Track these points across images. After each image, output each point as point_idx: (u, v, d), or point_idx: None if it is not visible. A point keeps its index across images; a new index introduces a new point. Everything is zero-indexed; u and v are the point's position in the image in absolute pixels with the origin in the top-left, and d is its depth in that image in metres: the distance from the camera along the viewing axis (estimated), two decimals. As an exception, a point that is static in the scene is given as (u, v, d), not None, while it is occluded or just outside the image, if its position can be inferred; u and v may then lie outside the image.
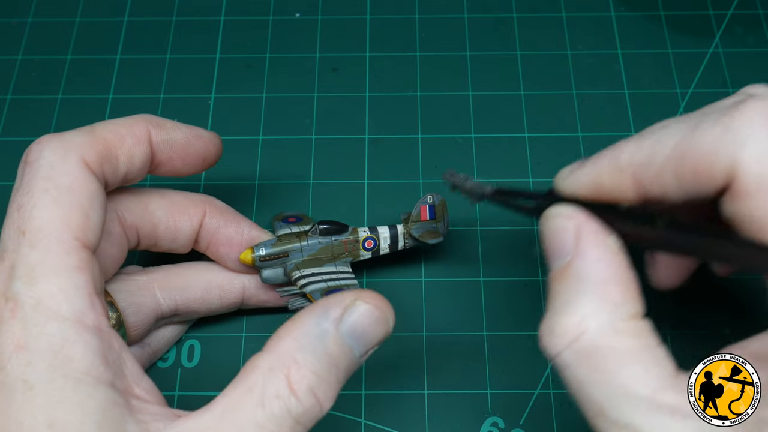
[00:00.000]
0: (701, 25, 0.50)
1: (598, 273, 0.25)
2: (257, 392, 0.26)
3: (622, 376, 0.24)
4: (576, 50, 0.49)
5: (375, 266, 0.41)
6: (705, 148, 0.24)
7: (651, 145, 0.26)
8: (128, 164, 0.31)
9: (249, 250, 0.36)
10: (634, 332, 0.25)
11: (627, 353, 0.24)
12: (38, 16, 0.51)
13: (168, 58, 0.49)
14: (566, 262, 0.26)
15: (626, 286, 0.26)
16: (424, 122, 0.46)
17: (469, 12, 0.50)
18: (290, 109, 0.47)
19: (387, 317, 0.29)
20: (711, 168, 0.24)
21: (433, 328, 0.40)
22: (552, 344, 0.25)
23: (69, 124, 0.46)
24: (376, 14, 0.50)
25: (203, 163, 0.34)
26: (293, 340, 0.27)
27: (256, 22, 0.50)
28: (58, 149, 0.28)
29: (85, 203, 0.27)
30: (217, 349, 0.39)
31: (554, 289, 0.26)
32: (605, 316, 0.25)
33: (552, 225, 0.27)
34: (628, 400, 0.24)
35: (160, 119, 0.33)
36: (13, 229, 0.27)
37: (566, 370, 0.25)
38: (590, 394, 0.25)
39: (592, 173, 0.28)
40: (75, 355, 0.25)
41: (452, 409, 0.38)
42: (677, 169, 0.25)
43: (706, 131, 0.24)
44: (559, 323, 0.25)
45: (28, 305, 0.25)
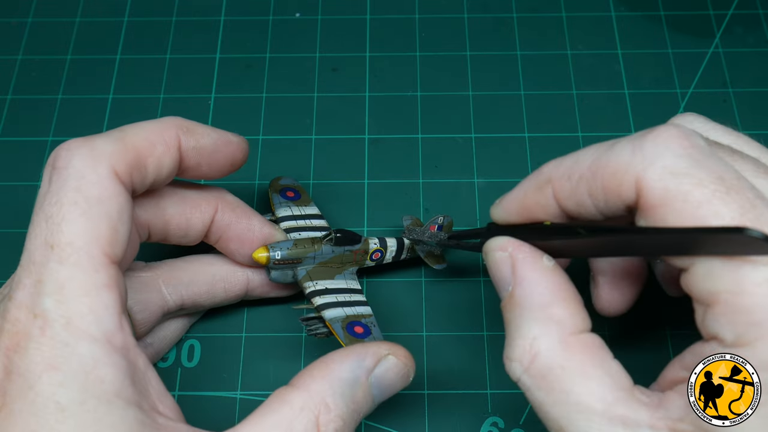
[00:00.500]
0: (701, 25, 0.50)
1: (539, 296, 0.27)
2: (284, 428, 0.27)
3: (575, 393, 0.25)
4: (576, 50, 0.49)
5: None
6: (615, 167, 0.26)
7: (569, 165, 0.28)
8: (157, 172, 0.30)
9: (264, 249, 0.36)
10: (584, 346, 0.26)
11: (579, 368, 0.26)
12: (38, 16, 0.51)
13: (168, 58, 0.49)
14: (509, 291, 0.28)
15: (568, 303, 0.27)
16: (424, 122, 0.46)
17: (469, 12, 0.50)
18: (290, 109, 0.47)
19: (410, 372, 0.31)
20: (619, 186, 0.26)
21: (433, 328, 0.40)
22: (512, 370, 0.27)
23: (69, 124, 0.46)
24: (376, 14, 0.50)
25: (230, 168, 0.34)
26: (326, 383, 0.28)
27: (256, 22, 0.50)
28: (88, 158, 0.27)
29: (114, 216, 0.27)
30: (217, 349, 0.39)
31: (506, 318, 0.28)
32: (553, 335, 0.26)
33: (490, 258, 0.29)
34: (583, 416, 0.25)
35: (190, 124, 0.32)
36: (41, 241, 0.26)
37: (527, 393, 0.27)
38: (548, 413, 0.26)
39: (518, 196, 0.30)
40: (106, 377, 0.25)
41: (452, 409, 0.38)
42: (590, 186, 0.27)
43: (618, 152, 0.26)
44: (513, 349, 0.27)
45: (59, 324, 0.25)
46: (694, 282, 0.25)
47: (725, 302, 0.24)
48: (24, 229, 0.42)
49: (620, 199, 0.26)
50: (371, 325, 0.36)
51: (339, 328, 0.35)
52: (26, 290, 0.25)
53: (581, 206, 0.28)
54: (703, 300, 0.25)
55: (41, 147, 0.46)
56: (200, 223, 0.35)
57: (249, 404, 0.38)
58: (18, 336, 0.25)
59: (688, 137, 0.25)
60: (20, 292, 0.26)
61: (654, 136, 0.26)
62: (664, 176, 0.25)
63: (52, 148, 0.45)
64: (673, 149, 0.25)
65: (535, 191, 0.29)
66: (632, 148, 0.26)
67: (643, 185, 0.25)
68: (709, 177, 0.24)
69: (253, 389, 0.38)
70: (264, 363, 0.38)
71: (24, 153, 0.45)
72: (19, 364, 0.24)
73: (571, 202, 0.28)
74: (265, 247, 0.36)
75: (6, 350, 0.25)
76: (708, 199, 0.24)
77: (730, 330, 0.24)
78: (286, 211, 0.39)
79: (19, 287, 0.26)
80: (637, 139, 0.26)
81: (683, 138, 0.25)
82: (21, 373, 0.24)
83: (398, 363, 0.31)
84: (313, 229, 0.39)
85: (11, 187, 0.44)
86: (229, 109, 0.47)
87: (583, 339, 0.27)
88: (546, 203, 0.29)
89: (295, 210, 0.39)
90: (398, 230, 0.42)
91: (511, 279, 0.28)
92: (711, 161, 0.25)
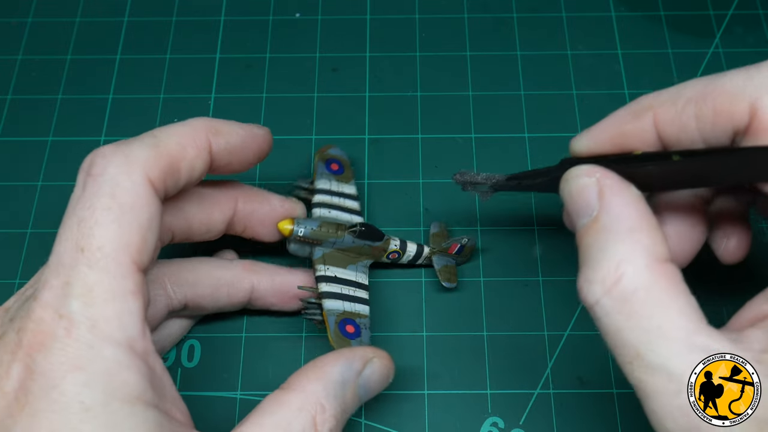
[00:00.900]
0: (701, 25, 0.50)
1: (627, 220, 0.26)
2: (284, 428, 0.29)
3: (657, 318, 0.25)
4: (576, 50, 0.49)
5: (376, 267, 0.41)
6: (729, 89, 0.26)
7: (674, 92, 0.28)
8: (189, 176, 0.30)
9: (290, 221, 0.37)
10: (668, 275, 0.26)
11: (663, 295, 0.25)
12: (38, 16, 0.51)
13: (168, 58, 0.49)
14: (593, 216, 0.27)
15: (655, 231, 0.26)
16: (424, 122, 0.46)
17: (469, 12, 0.50)
18: (290, 109, 0.47)
19: (391, 374, 0.33)
20: (731, 107, 0.26)
21: (433, 328, 0.40)
22: (591, 293, 0.26)
23: (69, 124, 0.46)
24: (376, 14, 0.50)
25: (257, 160, 0.34)
26: (321, 385, 0.30)
27: (256, 22, 0.50)
28: (123, 165, 0.27)
29: (145, 224, 0.27)
30: (217, 349, 0.39)
31: (585, 243, 0.27)
32: (640, 259, 0.26)
33: (573, 185, 0.28)
34: (664, 342, 0.25)
35: (218, 124, 0.32)
36: (72, 244, 0.26)
37: (604, 317, 0.26)
38: (626, 338, 0.25)
39: (612, 123, 0.30)
40: (129, 380, 0.25)
41: (452, 409, 0.38)
42: (699, 108, 0.27)
43: (731, 77, 0.27)
44: (596, 272, 0.26)
45: (84, 326, 0.25)
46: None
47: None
48: (24, 229, 0.43)
49: (731, 122, 0.26)
50: (363, 327, 0.37)
51: (333, 321, 0.36)
52: (53, 291, 0.26)
53: (684, 131, 0.28)
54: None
55: (41, 147, 0.46)
56: (221, 218, 0.35)
57: (249, 404, 0.37)
58: (42, 335, 0.25)
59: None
60: (47, 293, 0.26)
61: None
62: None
63: (52, 148, 0.45)
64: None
65: (633, 118, 0.29)
66: (747, 74, 0.27)
67: (758, 106, 0.25)
68: None
69: (253, 389, 0.38)
70: (264, 363, 0.39)
71: (24, 153, 0.45)
72: (43, 363, 0.25)
73: (674, 127, 0.28)
74: (291, 220, 0.37)
75: (28, 349, 0.25)
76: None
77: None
78: (325, 184, 0.40)
79: (45, 287, 0.26)
80: (752, 67, 0.27)
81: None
82: (44, 372, 0.25)
83: (382, 366, 0.33)
84: (344, 209, 0.39)
85: (11, 187, 0.44)
86: (229, 109, 0.47)
87: (667, 267, 0.26)
88: (643, 130, 0.29)
89: (333, 185, 0.40)
90: (398, 230, 0.42)
91: (597, 204, 0.27)
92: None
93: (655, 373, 0.25)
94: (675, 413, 0.25)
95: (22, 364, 0.25)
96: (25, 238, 0.43)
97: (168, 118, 0.46)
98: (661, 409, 0.25)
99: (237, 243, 0.39)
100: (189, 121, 0.31)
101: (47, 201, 0.44)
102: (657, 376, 0.25)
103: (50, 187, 0.44)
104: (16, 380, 0.25)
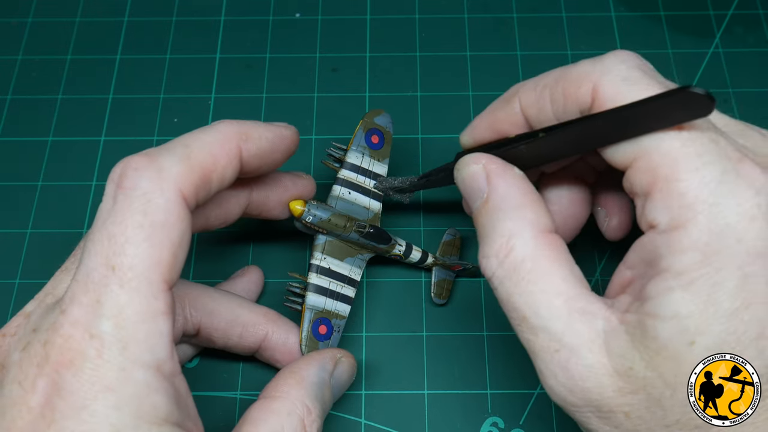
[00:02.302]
0: (701, 25, 0.50)
1: (513, 199, 0.29)
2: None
3: (542, 284, 0.28)
4: (576, 50, 0.49)
5: (376, 266, 0.41)
6: (576, 75, 0.30)
7: (535, 79, 0.32)
8: (219, 185, 0.30)
9: (302, 203, 0.36)
10: (552, 244, 0.29)
11: (547, 263, 0.28)
12: (38, 16, 0.51)
13: (168, 58, 0.49)
14: (484, 198, 0.30)
15: (538, 205, 0.29)
16: (424, 122, 0.46)
17: (469, 12, 0.50)
18: (290, 109, 0.47)
19: (354, 372, 0.36)
20: (577, 90, 0.29)
21: (432, 328, 0.40)
22: (488, 267, 0.29)
23: (69, 124, 0.46)
24: (376, 14, 0.50)
25: (285, 159, 0.34)
26: (303, 389, 0.32)
27: (256, 22, 0.50)
28: (156, 180, 0.27)
29: (176, 241, 0.27)
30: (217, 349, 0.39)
31: (480, 223, 0.30)
32: (527, 232, 0.29)
33: (465, 173, 0.31)
34: (545, 306, 0.27)
35: (247, 128, 0.31)
36: (102, 260, 0.26)
37: (499, 286, 0.29)
38: (515, 303, 0.28)
39: (488, 113, 0.34)
40: (158, 403, 0.25)
41: (452, 409, 0.38)
42: (552, 92, 0.30)
43: (580, 65, 0.30)
44: (490, 246, 0.29)
45: (116, 348, 0.25)
46: (635, 176, 0.27)
47: (661, 189, 0.26)
48: (24, 229, 0.43)
49: (576, 103, 0.29)
50: (336, 329, 0.37)
51: (308, 318, 0.37)
52: (83, 308, 0.25)
53: (542, 112, 0.31)
54: (643, 192, 0.27)
55: (41, 147, 0.46)
56: (238, 210, 0.35)
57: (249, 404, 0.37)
58: (71, 353, 0.25)
59: (641, 58, 0.30)
60: (76, 309, 0.25)
61: (613, 53, 0.30)
62: (618, 82, 0.28)
63: (52, 148, 0.45)
64: (628, 63, 0.29)
65: (503, 104, 0.33)
66: (593, 62, 0.30)
67: (598, 89, 0.28)
68: (657, 84, 0.27)
69: (253, 389, 0.38)
70: (264, 363, 0.38)
71: (24, 153, 0.45)
72: (72, 382, 0.24)
73: (534, 109, 0.31)
74: (304, 202, 0.37)
75: (56, 365, 0.25)
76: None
77: (666, 214, 0.26)
78: (356, 159, 0.39)
79: (74, 303, 0.25)
80: (598, 56, 0.30)
81: (638, 57, 0.29)
82: (74, 391, 0.24)
83: (349, 364, 0.35)
84: (367, 192, 0.39)
85: (11, 187, 0.44)
86: (229, 109, 0.47)
87: (551, 238, 0.29)
88: (513, 114, 0.32)
89: (365, 161, 0.39)
90: (398, 230, 0.42)
91: (486, 187, 0.30)
92: (659, 77, 0.29)
93: (539, 334, 0.28)
94: (556, 370, 0.27)
95: (49, 380, 0.25)
96: (25, 238, 0.43)
97: (168, 118, 0.46)
98: (545, 367, 0.28)
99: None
100: (218, 126, 0.30)
101: (47, 201, 0.44)
102: (540, 336, 0.28)
103: (50, 187, 0.44)
104: (41, 395, 0.25)
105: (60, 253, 0.42)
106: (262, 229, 0.43)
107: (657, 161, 0.26)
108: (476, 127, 0.34)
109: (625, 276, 0.29)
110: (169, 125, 0.46)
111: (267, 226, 0.43)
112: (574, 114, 0.30)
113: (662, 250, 0.26)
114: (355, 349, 0.39)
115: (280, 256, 0.42)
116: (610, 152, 0.28)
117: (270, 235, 0.43)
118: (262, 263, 0.41)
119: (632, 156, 0.27)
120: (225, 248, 0.42)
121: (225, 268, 0.41)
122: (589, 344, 0.27)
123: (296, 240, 0.42)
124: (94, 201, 0.44)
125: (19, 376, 0.25)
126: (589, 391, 0.27)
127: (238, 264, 0.41)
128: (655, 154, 0.27)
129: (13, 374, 0.26)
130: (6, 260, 0.42)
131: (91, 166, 0.45)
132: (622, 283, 0.29)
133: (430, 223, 0.43)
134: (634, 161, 0.27)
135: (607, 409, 0.27)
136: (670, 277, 0.25)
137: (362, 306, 0.41)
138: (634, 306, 0.27)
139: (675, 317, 0.25)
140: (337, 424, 0.38)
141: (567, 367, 0.27)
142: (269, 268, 0.41)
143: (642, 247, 0.27)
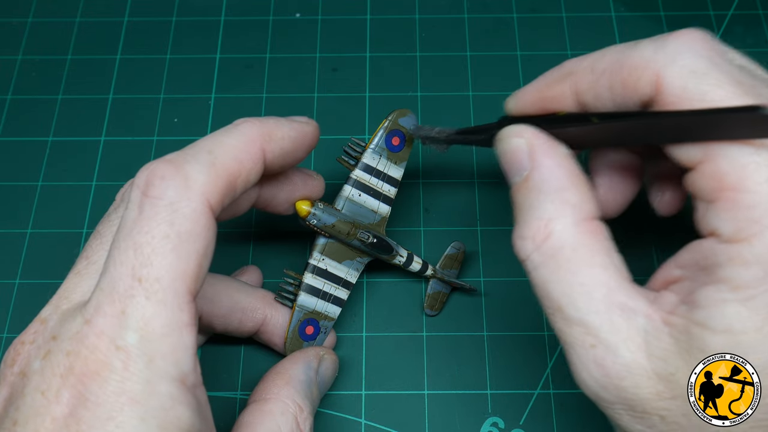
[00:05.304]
0: (701, 25, 0.49)
1: (556, 180, 0.28)
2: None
3: (581, 275, 0.26)
4: (576, 50, 0.49)
5: (375, 266, 0.41)
6: (637, 62, 0.27)
7: (593, 59, 0.29)
8: (244, 189, 0.29)
9: (309, 204, 0.36)
10: (594, 232, 0.27)
11: (588, 252, 0.27)
12: (38, 16, 0.51)
13: (168, 58, 0.49)
14: (525, 175, 0.28)
15: (582, 189, 0.28)
16: (424, 122, 0.46)
17: (469, 12, 0.50)
18: (290, 109, 0.47)
19: (337, 367, 0.37)
20: (638, 80, 0.27)
21: (432, 328, 0.40)
22: (523, 249, 0.28)
23: (69, 124, 0.46)
24: (376, 14, 0.50)
25: (306, 155, 0.33)
26: (292, 389, 0.33)
27: (256, 22, 0.50)
28: (183, 189, 0.26)
29: (201, 252, 0.26)
30: (217, 349, 0.39)
31: (518, 201, 0.29)
32: (568, 217, 0.27)
33: (506, 145, 0.29)
34: (584, 298, 0.26)
35: (270, 128, 0.30)
36: (128, 270, 0.25)
37: (533, 271, 0.28)
38: (551, 291, 0.27)
39: (537, 86, 0.32)
40: (182, 415, 0.25)
41: (452, 409, 0.38)
42: (611, 79, 0.28)
43: (641, 49, 0.27)
44: (527, 227, 0.28)
45: (142, 361, 0.25)
46: (699, 179, 0.26)
47: (727, 199, 0.25)
48: (24, 229, 0.43)
49: (637, 94, 0.27)
50: (323, 330, 0.37)
51: (297, 318, 0.37)
52: (108, 319, 0.25)
53: (598, 99, 0.29)
54: (706, 197, 0.26)
55: (41, 147, 0.46)
56: (247, 205, 0.34)
57: (249, 404, 0.38)
58: (97, 365, 0.25)
59: (709, 41, 0.27)
60: (101, 320, 0.25)
61: (676, 36, 0.27)
62: (684, 75, 0.26)
63: (53, 148, 0.45)
64: (695, 50, 0.26)
65: (555, 82, 0.31)
66: (655, 47, 0.27)
67: (662, 82, 0.26)
68: (727, 79, 0.25)
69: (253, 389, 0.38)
70: (264, 363, 0.38)
71: (24, 153, 0.45)
72: (98, 393, 0.24)
73: (590, 95, 0.29)
74: (311, 203, 0.36)
75: (82, 376, 0.25)
76: (725, 101, 0.25)
77: (730, 225, 0.25)
78: (372, 161, 0.38)
79: (99, 314, 0.25)
80: (660, 38, 0.27)
81: (705, 41, 0.27)
82: (100, 402, 0.24)
83: (332, 361, 0.36)
84: (377, 194, 0.38)
85: (11, 187, 0.44)
86: (229, 109, 0.47)
87: (594, 225, 0.27)
88: (564, 95, 0.30)
89: (381, 163, 0.38)
90: (398, 230, 0.42)
91: (528, 164, 0.28)
92: (729, 66, 0.26)
93: (574, 326, 0.26)
94: (590, 365, 0.26)
95: (74, 391, 0.25)
96: (25, 238, 0.43)
97: (168, 118, 0.46)
98: (578, 359, 0.27)
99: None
100: (241, 128, 0.29)
101: (47, 201, 0.44)
102: (575, 329, 0.26)
103: (50, 187, 0.44)
104: (66, 406, 0.24)
105: (60, 253, 0.42)
106: (263, 229, 0.43)
107: (725, 168, 0.25)
108: (523, 97, 0.32)
109: (673, 273, 0.27)
110: (169, 125, 0.46)
111: (267, 226, 0.43)
112: (635, 104, 0.28)
113: (721, 259, 0.25)
114: (355, 349, 0.39)
115: (280, 256, 0.42)
116: (673, 150, 0.27)
117: (270, 235, 0.43)
118: (262, 263, 0.41)
119: (698, 158, 0.26)
120: (225, 248, 0.42)
121: (225, 268, 0.41)
122: (627, 342, 0.26)
123: (296, 240, 0.42)
124: (94, 201, 0.44)
125: (41, 385, 0.25)
126: (624, 390, 0.26)
127: (238, 263, 0.41)
128: (723, 160, 0.25)
129: (35, 383, 0.25)
130: (6, 260, 0.42)
131: (91, 166, 0.45)
132: (668, 280, 0.28)
133: (430, 223, 0.43)
134: (700, 164, 0.26)
135: (642, 409, 0.26)
136: (726, 290, 0.24)
137: (362, 306, 0.41)
138: (681, 309, 0.26)
139: (728, 331, 0.24)
140: (337, 424, 0.38)
141: (602, 364, 0.26)
142: (269, 268, 0.41)
143: (698, 251, 0.26)
